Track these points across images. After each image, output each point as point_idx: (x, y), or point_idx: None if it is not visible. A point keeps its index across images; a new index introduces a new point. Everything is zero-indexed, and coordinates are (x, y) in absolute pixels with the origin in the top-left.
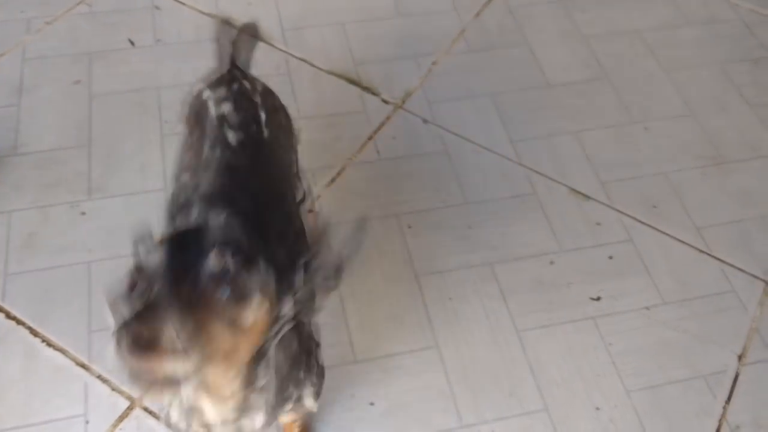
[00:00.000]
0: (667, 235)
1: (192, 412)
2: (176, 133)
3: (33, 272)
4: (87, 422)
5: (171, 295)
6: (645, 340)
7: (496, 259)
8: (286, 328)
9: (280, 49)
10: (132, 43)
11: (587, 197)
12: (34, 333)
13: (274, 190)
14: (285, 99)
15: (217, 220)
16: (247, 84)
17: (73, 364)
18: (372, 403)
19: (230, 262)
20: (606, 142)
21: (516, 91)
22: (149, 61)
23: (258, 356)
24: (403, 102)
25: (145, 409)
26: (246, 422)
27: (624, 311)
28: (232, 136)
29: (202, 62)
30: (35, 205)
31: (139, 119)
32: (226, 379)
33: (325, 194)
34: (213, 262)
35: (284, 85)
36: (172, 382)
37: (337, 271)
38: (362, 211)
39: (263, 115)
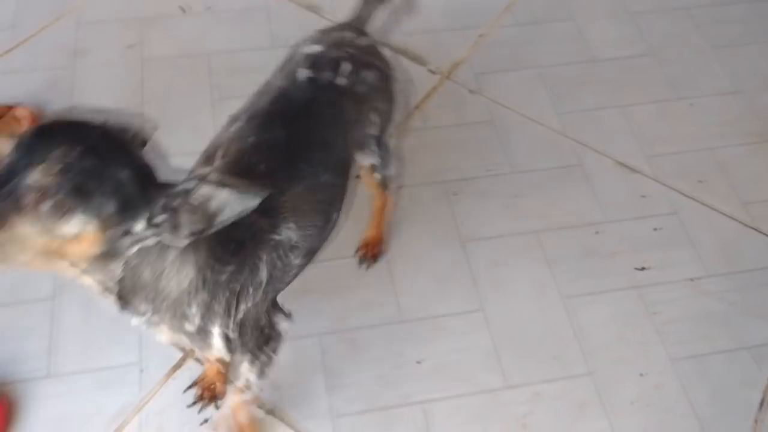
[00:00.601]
0: (713, 209)
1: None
2: (226, 97)
3: None
4: (141, 370)
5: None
6: (690, 311)
7: (542, 228)
8: (146, 243)
9: (327, 18)
10: (183, 9)
11: (633, 170)
12: None
13: (316, 144)
14: None
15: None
16: (349, 35)
17: None
18: (419, 362)
19: (56, 181)
20: (652, 117)
21: (562, 65)
22: (200, 28)
23: (100, 256)
24: (450, 73)
25: (197, 360)
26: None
27: (669, 282)
28: (302, 73)
29: (252, 30)
30: None
31: (190, 84)
32: (52, 265)
33: None
34: (36, 176)
35: None
36: None
37: (206, 219)
38: (409, 177)
39: (348, 66)
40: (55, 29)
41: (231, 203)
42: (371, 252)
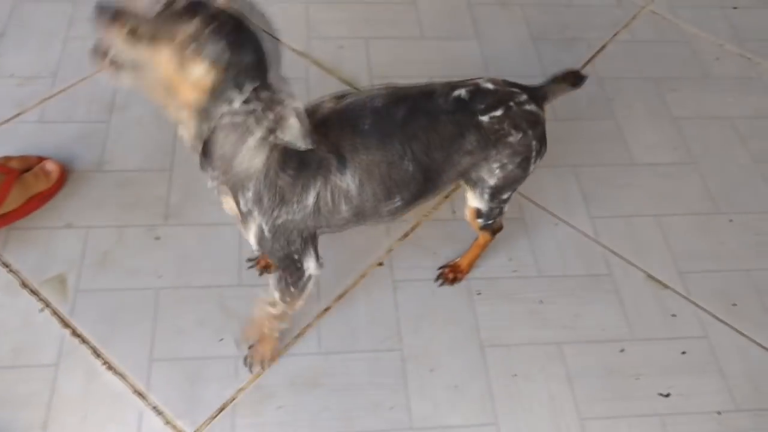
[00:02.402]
0: (746, 336)
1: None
2: None
3: (103, 291)
4: None
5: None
6: None
7: (566, 340)
8: (234, 119)
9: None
10: None
11: (665, 286)
12: (97, 354)
13: (421, 141)
14: None
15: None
16: (522, 100)
17: (130, 391)
18: None
19: (205, 33)
20: (688, 230)
21: (599, 165)
22: None
23: (200, 112)
24: None
25: None
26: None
27: (694, 412)
28: (458, 92)
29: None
30: (113, 224)
31: None
32: (165, 99)
33: (397, 247)
34: (192, 24)
35: None
36: (116, 63)
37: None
38: (433, 269)
39: (500, 114)
40: (95, 81)
41: (294, 129)
42: (452, 275)
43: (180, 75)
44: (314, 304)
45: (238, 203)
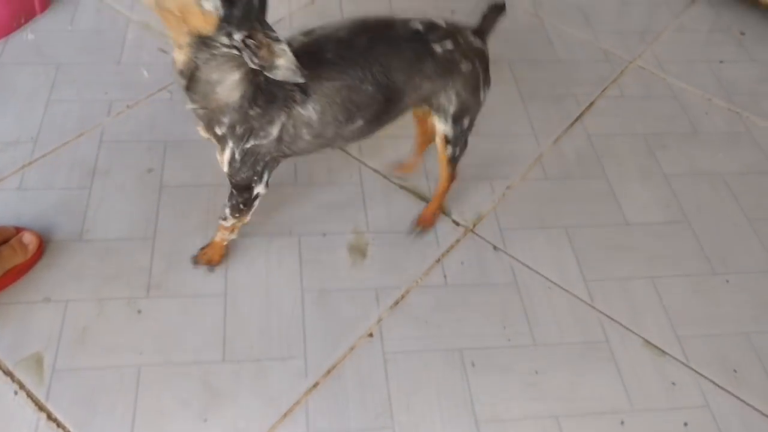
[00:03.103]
0: (748, 405)
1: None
2: (243, 236)
3: (81, 370)
4: None
5: None
6: None
7: (563, 413)
8: (230, 51)
9: (355, 157)
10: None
11: (663, 352)
12: None
13: (381, 67)
14: (355, 210)
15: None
16: (470, 36)
17: None
18: None
19: None
20: (684, 292)
21: (592, 226)
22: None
23: (201, 40)
24: (474, 226)
25: None
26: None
27: None
28: (413, 25)
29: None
30: (92, 297)
31: (206, 216)
32: (175, 23)
33: (387, 317)
34: None
35: (356, 196)
36: None
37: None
38: (424, 340)
39: (452, 46)
40: (76, 146)
41: (285, 69)
42: (422, 226)
43: (195, 3)
44: (301, 380)
45: (213, 129)
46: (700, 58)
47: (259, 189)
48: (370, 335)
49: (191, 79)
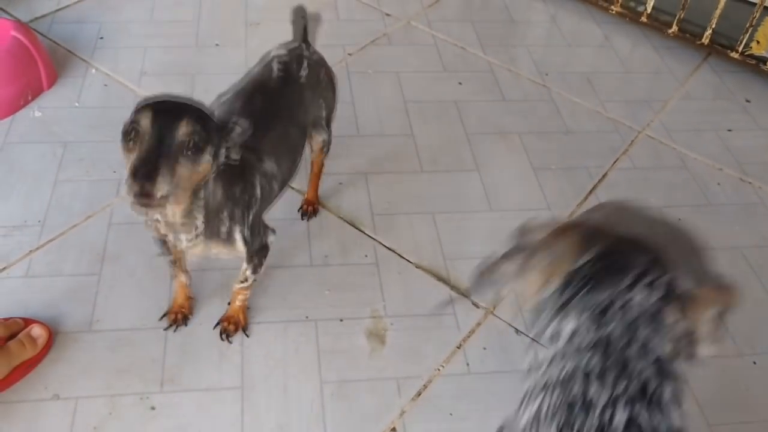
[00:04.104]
0: None
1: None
2: (258, 322)
3: None
4: None
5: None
6: None
7: None
8: (220, 166)
9: (369, 236)
10: None
11: None
12: None
13: (289, 115)
14: (372, 292)
15: (234, 107)
16: (305, 50)
17: None
18: None
19: (196, 131)
20: (712, 376)
21: None
22: None
23: (203, 183)
24: (494, 307)
25: None
26: (184, 232)
27: None
28: (276, 67)
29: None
30: (104, 393)
31: (220, 301)
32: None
33: (410, 409)
34: (182, 129)
35: (372, 276)
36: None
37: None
38: None
39: (306, 68)
40: (84, 228)
41: (239, 136)
42: (311, 208)
43: (195, 170)
44: None
45: (218, 232)
46: (708, 126)
47: (271, 239)
48: (393, 430)
49: (208, 214)
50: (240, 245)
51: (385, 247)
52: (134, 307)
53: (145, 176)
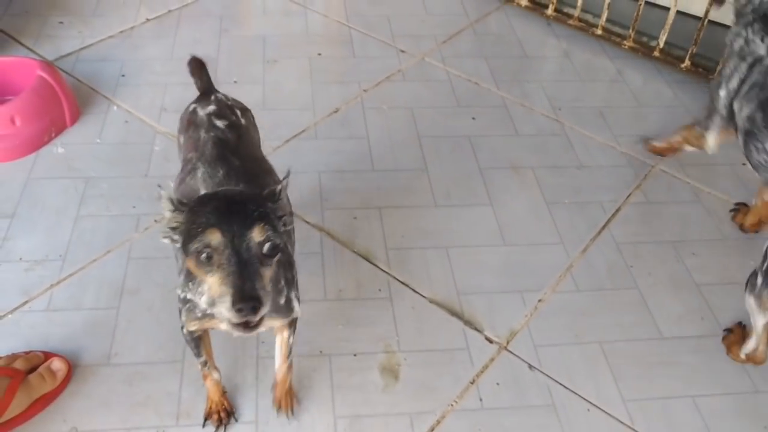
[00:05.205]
0: None
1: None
2: (273, 357)
3: None
4: None
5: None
6: None
7: None
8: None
9: (383, 270)
10: None
11: None
12: None
13: (255, 154)
14: (385, 327)
15: (217, 176)
16: (221, 96)
17: None
18: None
19: (266, 228)
20: (727, 413)
21: (627, 340)
22: None
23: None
24: (508, 342)
25: None
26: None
27: None
28: (219, 123)
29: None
30: (120, 426)
31: (234, 341)
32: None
33: None
34: (256, 236)
35: (385, 311)
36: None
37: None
38: None
39: (238, 111)
40: (104, 263)
41: (286, 188)
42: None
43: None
44: None
45: (278, 302)
46: (720, 160)
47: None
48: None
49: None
50: (297, 309)
51: (399, 281)
52: (151, 340)
53: (251, 310)
